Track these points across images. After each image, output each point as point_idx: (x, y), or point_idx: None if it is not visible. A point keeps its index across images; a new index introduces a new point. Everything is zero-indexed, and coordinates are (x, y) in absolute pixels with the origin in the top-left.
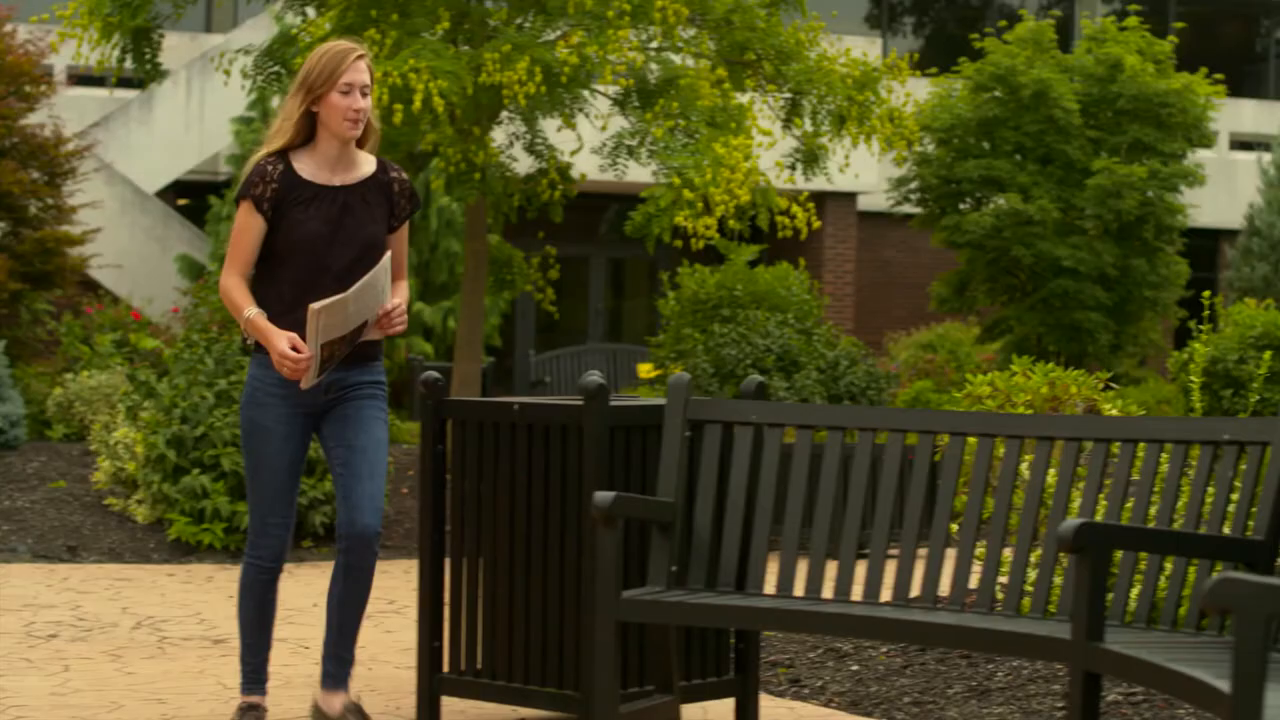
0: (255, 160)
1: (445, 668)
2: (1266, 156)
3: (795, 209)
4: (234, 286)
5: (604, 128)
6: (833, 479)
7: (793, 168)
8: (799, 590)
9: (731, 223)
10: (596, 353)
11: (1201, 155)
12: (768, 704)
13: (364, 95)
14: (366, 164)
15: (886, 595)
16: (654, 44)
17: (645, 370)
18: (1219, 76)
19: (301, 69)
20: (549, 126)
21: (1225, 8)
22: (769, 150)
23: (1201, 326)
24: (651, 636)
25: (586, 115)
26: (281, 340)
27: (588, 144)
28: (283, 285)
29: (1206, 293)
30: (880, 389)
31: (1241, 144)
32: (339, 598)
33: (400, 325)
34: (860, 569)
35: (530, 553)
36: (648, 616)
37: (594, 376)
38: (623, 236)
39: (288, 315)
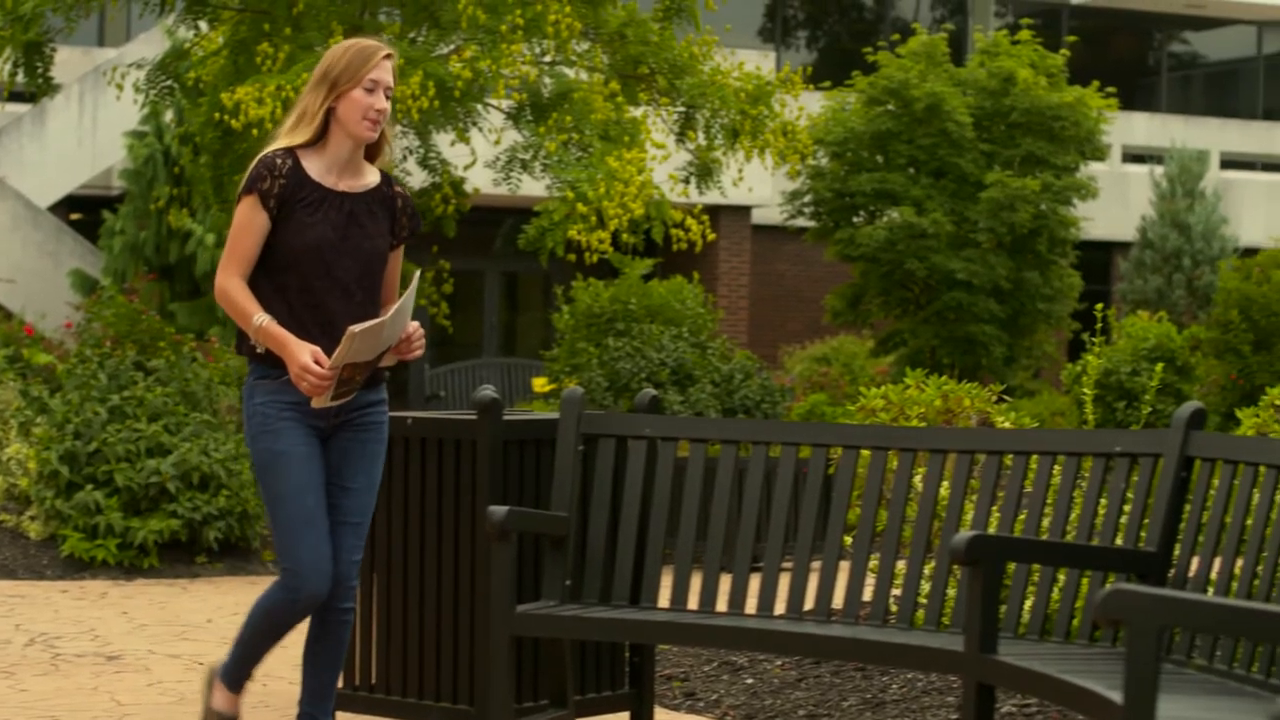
0: (263, 154)
1: (341, 683)
2: (1159, 169)
3: (689, 222)
4: (235, 289)
5: (497, 142)
6: (726, 492)
7: (687, 181)
8: (693, 604)
9: (625, 236)
10: (491, 367)
11: (1094, 168)
12: (662, 717)
13: (388, 98)
14: (371, 174)
15: (781, 608)
16: (547, 58)
17: (540, 384)
18: (1111, 90)
19: (323, 64)
20: (442, 141)
21: (1118, 22)
22: (663, 164)
23: (1095, 339)
24: (546, 650)
25: (480, 129)
26: (304, 352)
27: (481, 158)
28: (288, 293)
29: (1099, 305)
30: (775, 402)
31: (1134, 157)
32: (314, 655)
33: (419, 349)
34: (754, 582)
35: (425, 567)
36: (542, 630)
37: (487, 391)
38: (517, 250)
39: (292, 328)
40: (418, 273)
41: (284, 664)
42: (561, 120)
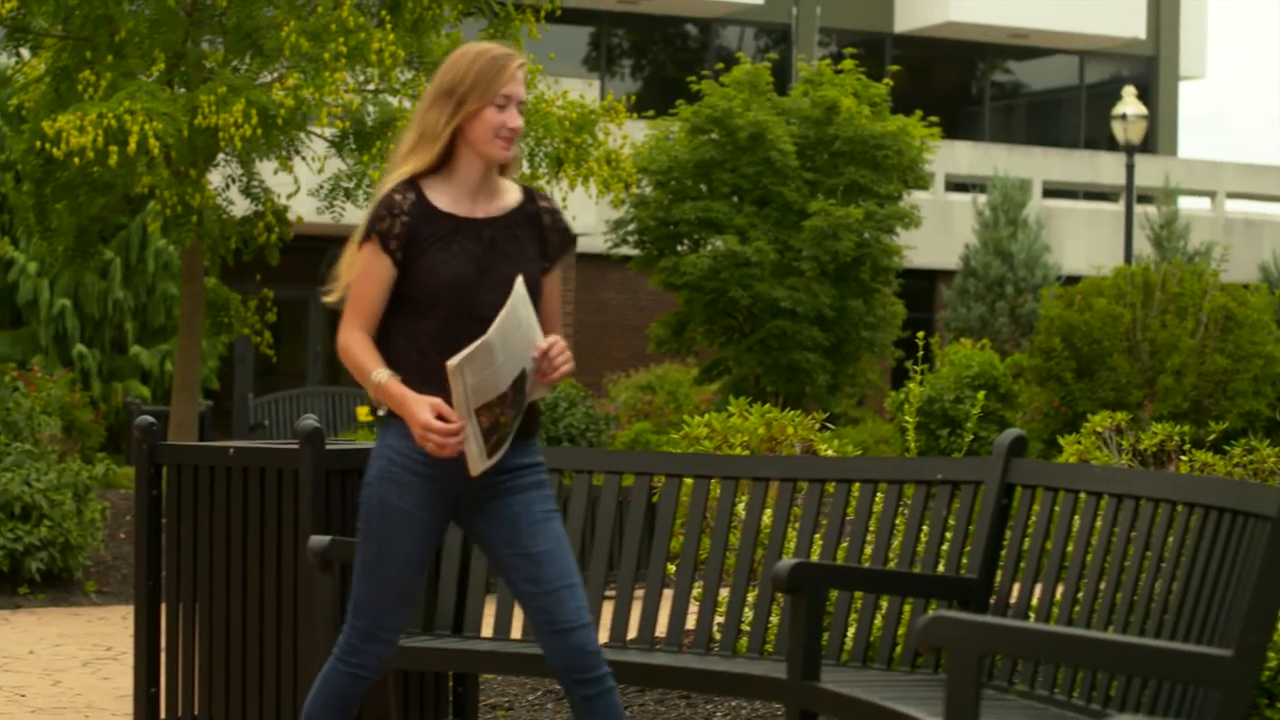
0: (381, 190)
1: (162, 713)
2: (982, 198)
3: None
4: (357, 344)
5: (321, 170)
6: None
7: None
8: (516, 633)
9: None
10: (315, 396)
11: (917, 197)
12: None
13: (520, 113)
14: (511, 192)
15: (605, 636)
16: (371, 86)
17: (365, 413)
18: (934, 119)
19: (442, 76)
20: (266, 169)
21: (941, 51)
22: None
23: (918, 367)
24: None
25: (303, 157)
26: (423, 408)
27: (305, 186)
28: (422, 341)
29: (922, 333)
30: (599, 430)
31: (957, 185)
32: None
33: (567, 365)
34: None
35: (247, 597)
36: None
37: (310, 420)
38: None
39: (433, 380)
40: (519, 277)
41: (106, 696)
42: (385, 148)
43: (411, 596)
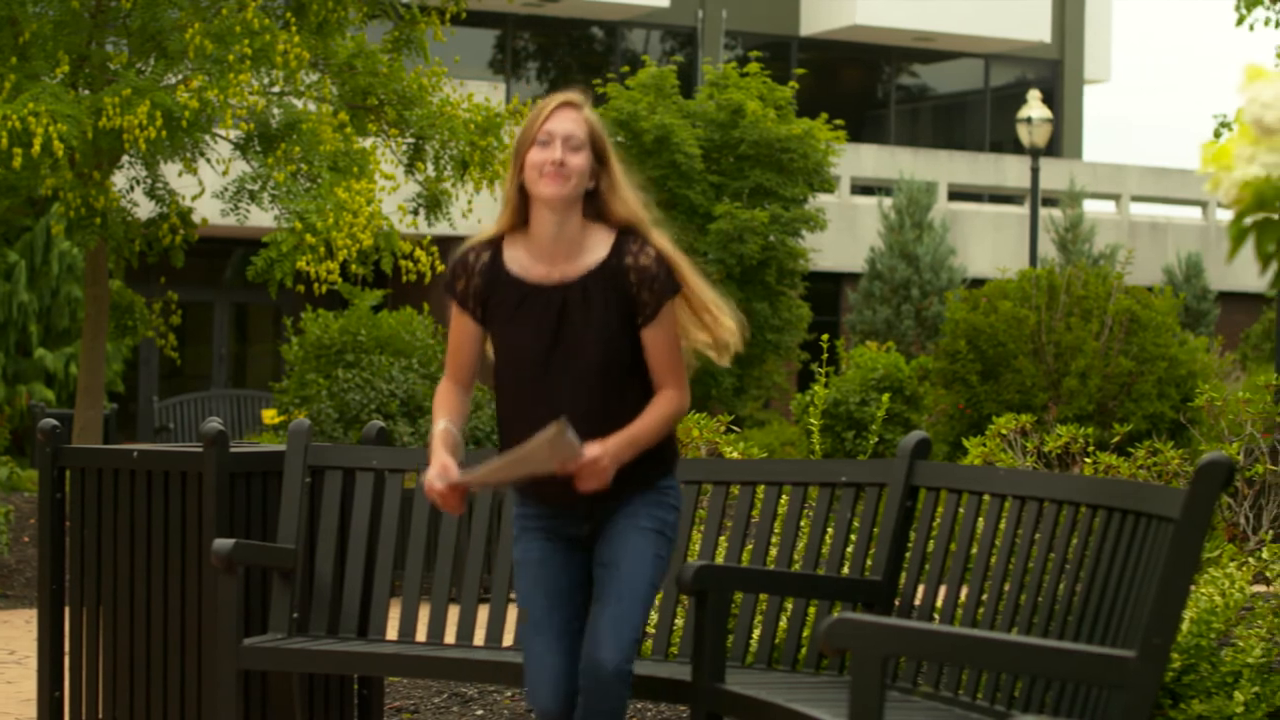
0: (465, 244)
1: (66, 718)
2: (887, 201)
3: (419, 253)
4: (439, 394)
5: (226, 172)
6: (454, 524)
7: (416, 212)
8: (421, 636)
9: (355, 267)
10: (221, 398)
11: (823, 200)
12: None
13: (573, 149)
14: (598, 247)
15: (509, 640)
16: (276, 88)
17: (270, 416)
18: (840, 122)
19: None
20: (170, 171)
21: (846, 54)
22: (392, 195)
23: (824, 369)
24: (274, 684)
25: (208, 159)
26: (431, 468)
27: (210, 188)
28: (504, 399)
29: (827, 336)
30: None
31: (863, 188)
32: None
33: (594, 483)
34: (482, 613)
35: (151, 601)
36: (269, 664)
37: (214, 423)
38: (246, 281)
39: (508, 439)
40: (554, 424)
41: (11, 700)
42: (290, 151)
43: (544, 627)
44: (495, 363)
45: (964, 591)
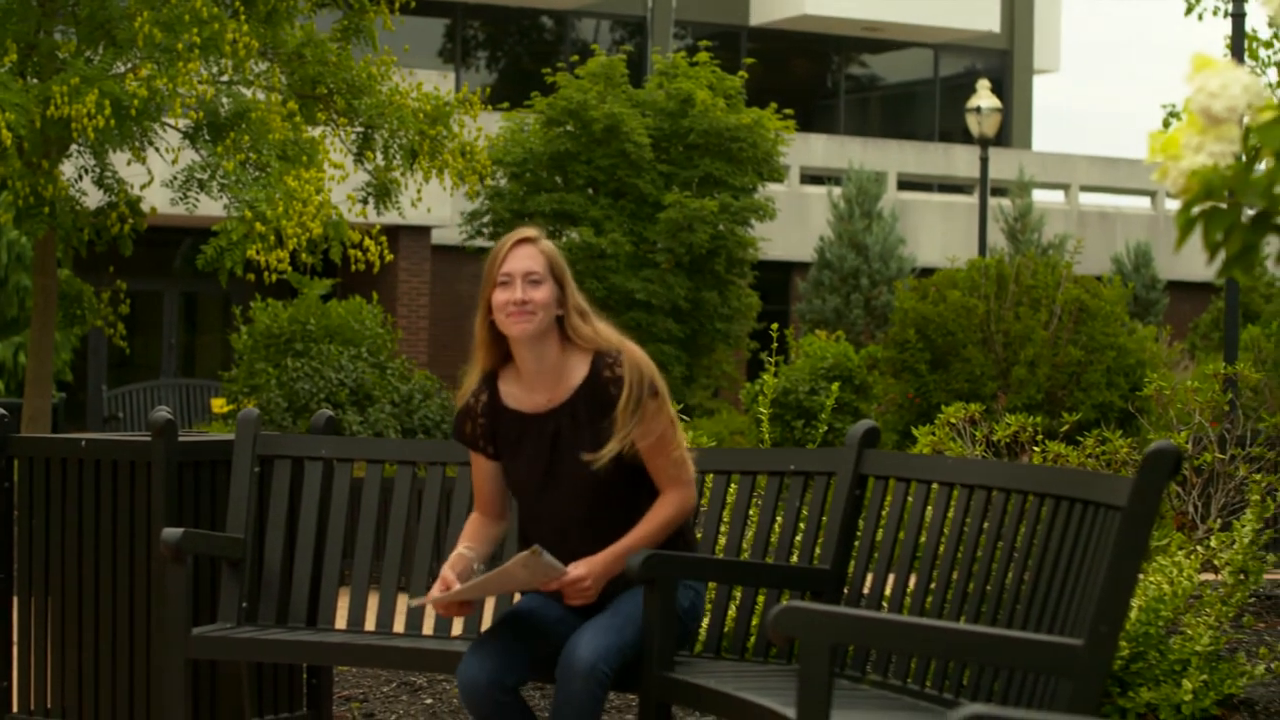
0: (463, 390)
1: (14, 708)
2: (837, 190)
3: (368, 242)
4: (467, 523)
5: (175, 161)
6: (404, 513)
7: (365, 201)
8: (370, 625)
9: (304, 256)
10: (170, 388)
11: (772, 189)
12: None
13: (534, 284)
14: (578, 370)
15: (458, 629)
16: (225, 77)
17: (219, 405)
18: (789, 112)
19: None
20: (119, 160)
21: (796, 44)
22: (341, 184)
23: (773, 358)
24: (222, 673)
25: (157, 148)
26: (436, 583)
27: (159, 177)
28: (519, 512)
29: (776, 325)
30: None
31: (812, 178)
32: None
33: (580, 600)
34: None
35: (100, 590)
36: (218, 653)
37: (163, 412)
38: (196, 270)
39: (522, 543)
40: (524, 553)
41: None
42: (239, 140)
43: (515, 655)
44: (507, 481)
45: (912, 580)
